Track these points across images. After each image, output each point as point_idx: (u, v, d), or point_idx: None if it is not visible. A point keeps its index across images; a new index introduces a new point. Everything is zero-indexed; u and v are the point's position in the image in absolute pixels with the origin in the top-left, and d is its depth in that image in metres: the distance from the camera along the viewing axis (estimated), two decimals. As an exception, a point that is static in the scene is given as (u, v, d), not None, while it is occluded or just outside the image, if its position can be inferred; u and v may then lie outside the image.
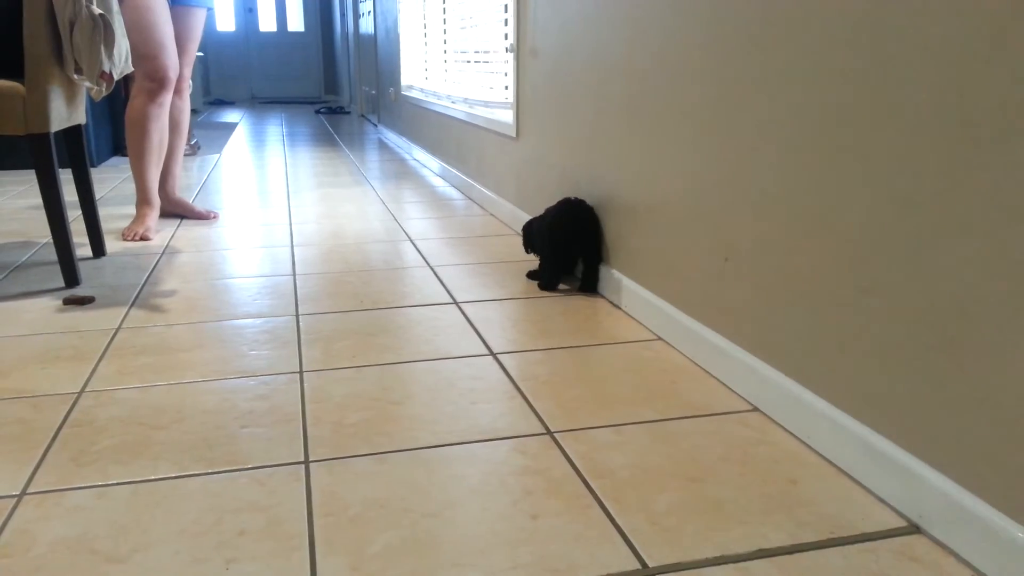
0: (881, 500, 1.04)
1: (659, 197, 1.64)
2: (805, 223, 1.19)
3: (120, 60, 2.08)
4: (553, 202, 2.27)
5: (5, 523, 0.99)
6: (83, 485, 1.07)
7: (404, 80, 5.00)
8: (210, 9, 2.86)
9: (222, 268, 2.21)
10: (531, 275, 2.10)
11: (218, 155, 4.83)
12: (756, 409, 1.31)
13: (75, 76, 2.00)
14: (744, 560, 0.92)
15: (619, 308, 1.84)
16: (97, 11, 1.95)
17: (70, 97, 2.07)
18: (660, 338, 1.64)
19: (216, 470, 1.11)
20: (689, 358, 1.52)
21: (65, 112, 2.04)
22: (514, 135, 2.68)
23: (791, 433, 1.23)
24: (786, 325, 1.25)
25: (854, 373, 1.10)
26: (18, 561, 0.91)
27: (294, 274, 2.14)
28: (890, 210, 1.02)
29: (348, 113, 8.58)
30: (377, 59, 6.33)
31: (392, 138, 5.62)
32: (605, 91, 1.88)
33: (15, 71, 1.93)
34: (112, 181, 3.78)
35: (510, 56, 2.69)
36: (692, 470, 1.12)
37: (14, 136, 1.92)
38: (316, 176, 3.98)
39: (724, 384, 1.41)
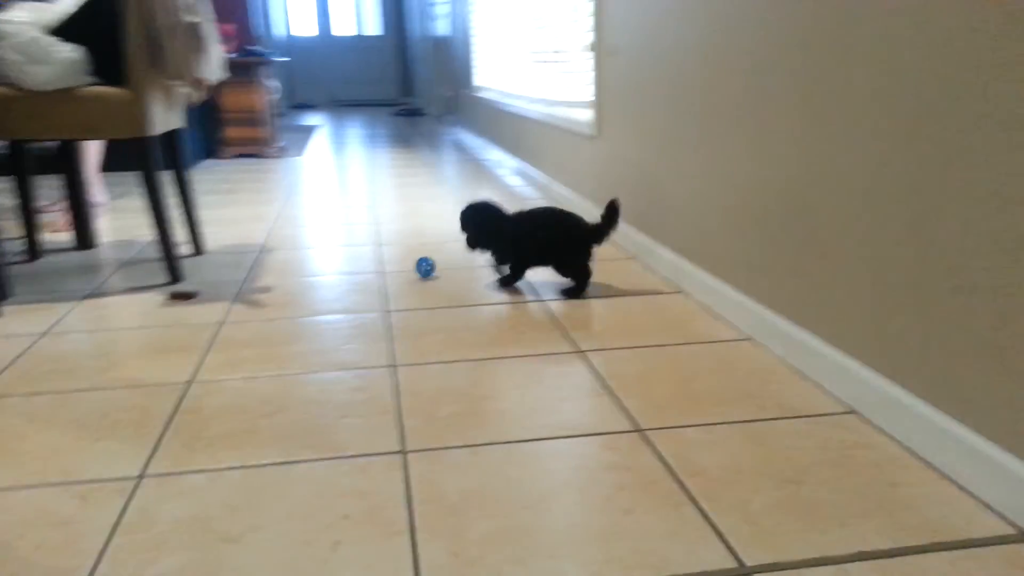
0: (987, 506, 1.01)
1: (747, 195, 1.62)
2: (904, 221, 1.16)
3: (214, 66, 2.18)
4: (631, 198, 2.27)
5: (127, 503, 1.05)
6: (197, 469, 1.13)
7: (479, 81, 5.05)
8: None
9: (313, 265, 2.28)
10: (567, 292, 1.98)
11: (303, 157, 4.98)
12: (853, 411, 1.29)
13: (173, 82, 2.10)
14: (844, 562, 0.91)
15: (707, 307, 1.83)
16: (193, 19, 2.04)
17: (168, 102, 2.18)
18: (750, 338, 1.62)
19: (319, 457, 1.16)
20: (781, 358, 1.51)
21: (164, 116, 2.14)
22: (593, 133, 2.68)
23: (890, 436, 1.20)
24: (885, 325, 1.22)
25: (957, 375, 1.08)
26: (141, 538, 0.97)
27: (381, 272, 2.20)
28: (990, 210, 0.99)
29: (424, 115, 8.71)
30: (453, 61, 6.42)
31: (468, 138, 5.68)
32: (687, 88, 1.87)
33: (119, 78, 2.03)
34: (206, 182, 3.94)
35: (588, 55, 2.70)
36: (787, 471, 1.11)
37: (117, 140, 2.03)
38: (396, 176, 4.06)
39: (818, 385, 1.39)
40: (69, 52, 1.95)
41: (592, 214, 2.70)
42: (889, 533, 0.97)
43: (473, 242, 2.05)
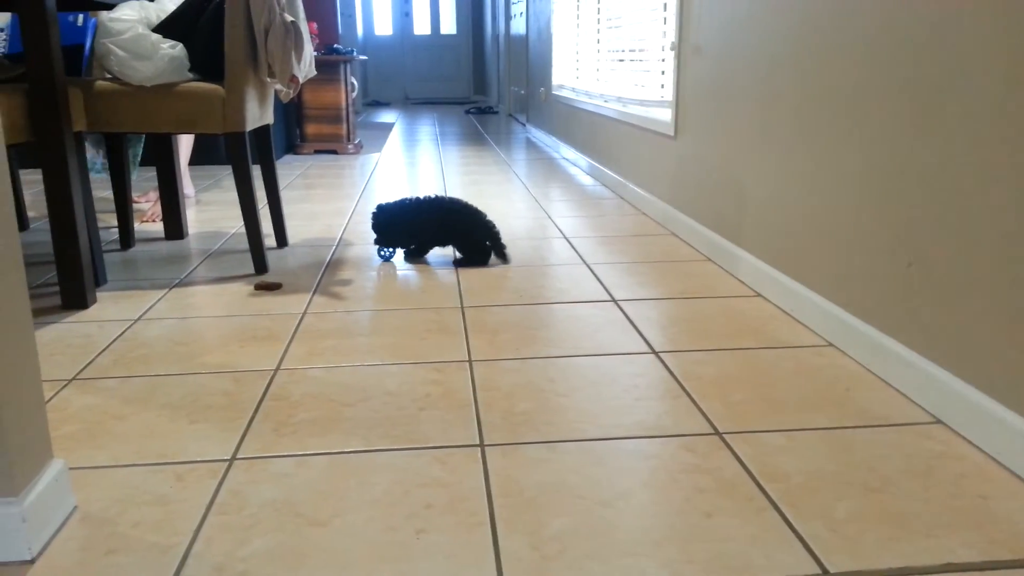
0: (1086, 524, 0.98)
1: (833, 199, 1.59)
2: (1002, 231, 1.12)
3: (306, 64, 2.24)
4: (710, 200, 2.25)
5: (220, 484, 1.10)
6: (285, 454, 1.18)
7: (555, 80, 5.06)
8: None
9: (391, 260, 2.33)
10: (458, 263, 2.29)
11: (378, 153, 5.07)
12: (939, 421, 1.25)
13: (267, 79, 2.17)
14: (931, 573, 0.89)
15: (787, 312, 1.80)
16: (289, 18, 2.11)
17: (262, 99, 2.25)
18: (831, 344, 1.59)
19: (401, 447, 1.19)
20: (864, 366, 1.47)
21: (258, 113, 2.21)
22: (672, 134, 2.66)
23: (978, 448, 1.17)
24: (975, 334, 1.19)
25: (1057, 388, 1.04)
26: (233, 519, 1.02)
27: (456, 268, 2.23)
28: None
29: (496, 113, 8.77)
30: (528, 59, 6.44)
31: (540, 137, 5.70)
32: (774, 90, 1.85)
33: (217, 75, 2.11)
34: (286, 177, 4.05)
35: (669, 54, 2.68)
36: (871, 480, 1.09)
37: (205, 135, 2.11)
38: (468, 174, 4.11)
39: (903, 394, 1.35)
40: (172, 49, 2.04)
41: (670, 215, 2.68)
42: (978, 546, 0.94)
43: (383, 240, 2.33)
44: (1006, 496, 1.05)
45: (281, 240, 2.50)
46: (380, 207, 2.31)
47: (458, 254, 2.34)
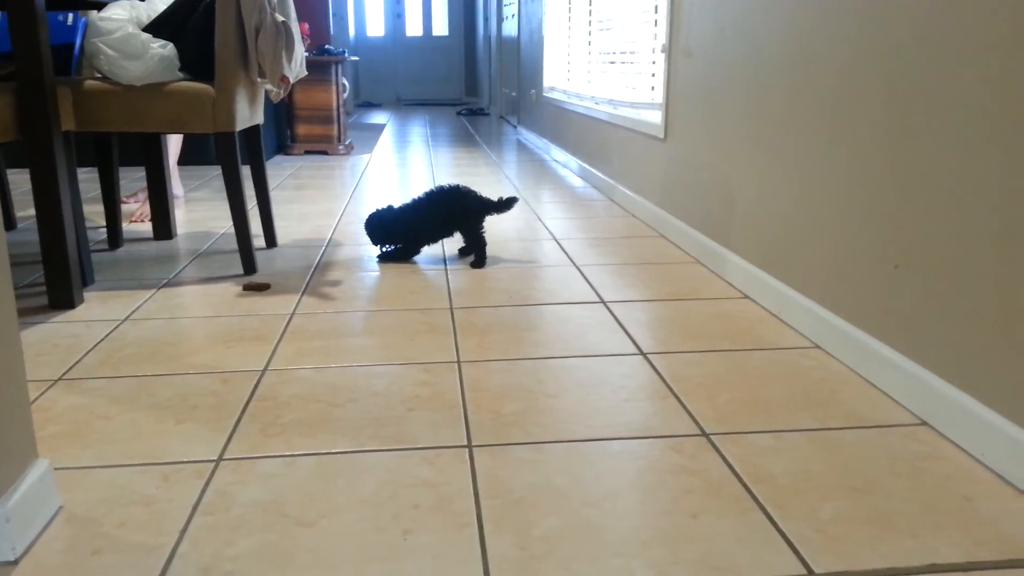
0: (1068, 525, 0.99)
1: (821, 202, 1.60)
2: (988, 233, 1.13)
3: (297, 64, 2.24)
4: (699, 203, 2.26)
5: (207, 485, 1.09)
6: (272, 454, 1.17)
7: (546, 82, 5.07)
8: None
9: (378, 262, 2.33)
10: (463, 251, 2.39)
11: (369, 155, 5.07)
12: (925, 423, 1.26)
13: (258, 79, 2.17)
14: (916, 574, 0.90)
15: (774, 314, 1.81)
16: (280, 18, 2.10)
17: (252, 99, 2.25)
18: (818, 346, 1.60)
19: (389, 447, 1.19)
20: (851, 368, 1.48)
21: (248, 113, 2.21)
22: (662, 136, 2.67)
23: (963, 449, 1.18)
24: (961, 336, 1.20)
25: (1040, 390, 1.05)
26: (220, 519, 1.01)
27: (446, 269, 2.23)
28: (1090, 219, 0.96)
29: (488, 115, 8.77)
30: (519, 61, 6.44)
31: (531, 139, 5.70)
32: (762, 94, 1.86)
33: (207, 75, 2.11)
34: (276, 178, 4.04)
35: (660, 56, 2.69)
36: (857, 481, 1.09)
37: (194, 135, 2.10)
38: (460, 176, 4.10)
39: (889, 396, 1.36)
40: (162, 49, 2.03)
41: (659, 217, 2.69)
42: (963, 547, 0.95)
43: (379, 241, 2.34)
44: (991, 497, 1.05)
45: (270, 241, 2.50)
46: (372, 216, 2.33)
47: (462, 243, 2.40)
